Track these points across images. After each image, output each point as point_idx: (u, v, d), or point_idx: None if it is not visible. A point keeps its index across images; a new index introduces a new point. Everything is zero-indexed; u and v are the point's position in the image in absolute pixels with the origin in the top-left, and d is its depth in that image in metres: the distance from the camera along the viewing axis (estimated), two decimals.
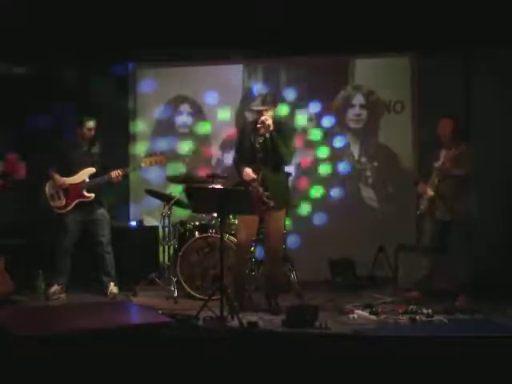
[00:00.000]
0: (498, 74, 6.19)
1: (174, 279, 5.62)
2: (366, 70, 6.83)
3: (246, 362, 3.33)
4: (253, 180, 4.86)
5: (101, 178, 5.64)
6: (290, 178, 5.97)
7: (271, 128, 4.84)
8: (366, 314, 4.84)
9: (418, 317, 4.67)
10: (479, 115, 6.31)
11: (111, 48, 6.47)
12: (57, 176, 5.66)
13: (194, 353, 3.44)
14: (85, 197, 5.65)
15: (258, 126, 4.84)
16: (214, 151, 7.07)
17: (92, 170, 5.69)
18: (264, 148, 4.88)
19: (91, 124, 5.66)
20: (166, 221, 5.94)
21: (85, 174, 5.67)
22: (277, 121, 4.99)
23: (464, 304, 5.05)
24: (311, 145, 6.92)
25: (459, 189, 5.13)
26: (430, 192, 5.17)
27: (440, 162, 5.13)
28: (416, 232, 6.28)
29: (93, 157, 5.75)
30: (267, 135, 4.86)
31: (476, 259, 6.00)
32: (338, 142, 6.88)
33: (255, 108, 4.96)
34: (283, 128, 5.03)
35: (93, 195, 5.66)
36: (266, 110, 4.88)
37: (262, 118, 4.84)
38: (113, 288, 5.70)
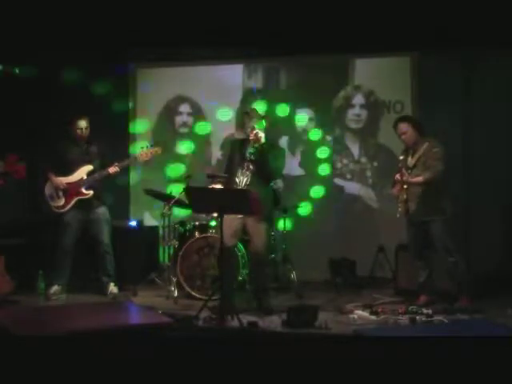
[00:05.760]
0: (497, 74, 6.19)
1: (174, 279, 5.62)
2: (366, 70, 6.84)
3: (246, 362, 3.33)
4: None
5: (99, 174, 5.65)
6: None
7: (262, 140, 4.95)
8: (366, 314, 4.84)
9: (417, 317, 4.67)
10: (479, 115, 6.31)
11: (111, 48, 6.46)
12: (54, 178, 5.66)
13: (194, 353, 3.43)
14: (83, 194, 5.65)
15: (251, 137, 4.97)
16: (214, 151, 7.08)
17: (90, 167, 5.68)
18: (254, 159, 5.02)
19: (83, 123, 5.66)
20: (166, 221, 5.94)
21: (82, 172, 5.67)
22: (269, 141, 5.11)
23: (466, 304, 5.04)
24: (311, 145, 6.93)
25: (427, 189, 5.09)
26: (403, 195, 5.17)
27: (398, 174, 5.11)
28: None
29: (90, 156, 5.75)
30: (259, 147, 4.95)
31: (476, 259, 6.01)
32: (338, 142, 6.89)
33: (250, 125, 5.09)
34: (274, 147, 5.23)
35: (91, 192, 5.66)
36: (254, 126, 5.02)
37: (255, 131, 4.96)
38: (113, 288, 5.70)
